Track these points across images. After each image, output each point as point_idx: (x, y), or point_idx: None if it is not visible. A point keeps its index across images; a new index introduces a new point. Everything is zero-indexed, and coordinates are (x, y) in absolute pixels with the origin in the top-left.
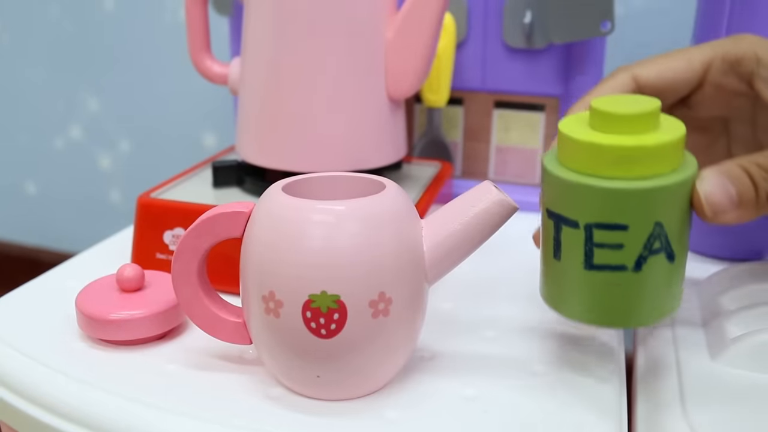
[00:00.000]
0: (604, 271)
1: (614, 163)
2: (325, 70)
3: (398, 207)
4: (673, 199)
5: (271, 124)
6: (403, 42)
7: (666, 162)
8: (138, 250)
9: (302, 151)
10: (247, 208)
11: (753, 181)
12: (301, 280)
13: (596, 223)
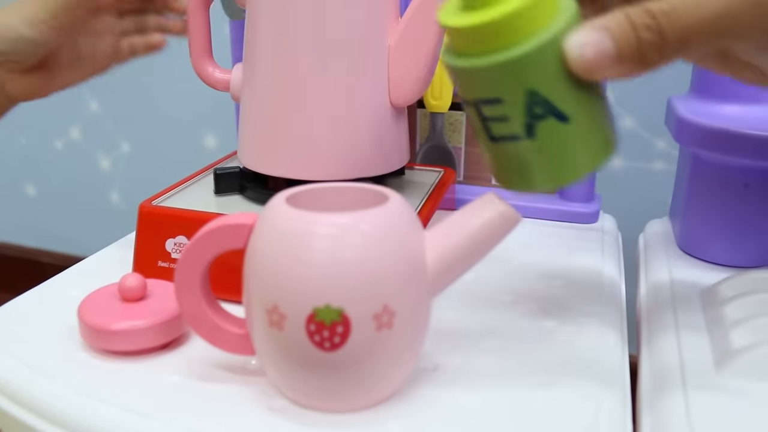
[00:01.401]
0: (506, 143)
1: (477, 41)
2: (327, 78)
3: (402, 219)
4: (536, 65)
5: (273, 132)
6: (405, 49)
7: (522, 30)
8: (139, 258)
9: (304, 159)
10: (250, 220)
11: (635, 30)
12: (305, 293)
13: (478, 99)
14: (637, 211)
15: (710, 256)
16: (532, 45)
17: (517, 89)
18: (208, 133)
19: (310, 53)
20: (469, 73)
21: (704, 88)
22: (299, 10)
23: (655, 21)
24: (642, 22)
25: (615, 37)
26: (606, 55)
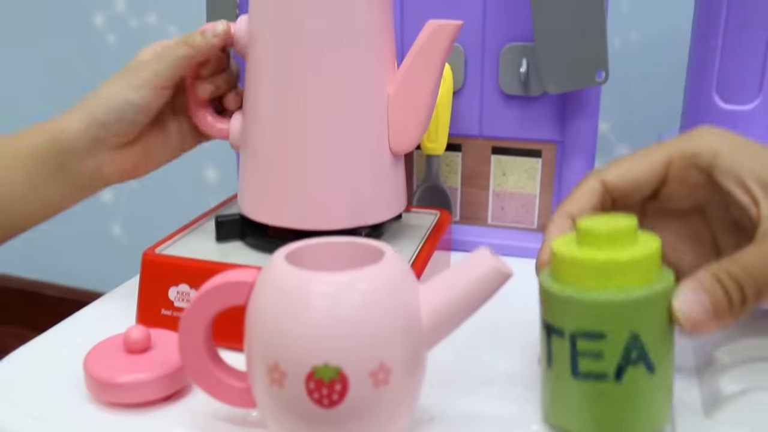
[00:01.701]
0: (589, 380)
1: (593, 276)
2: (326, 129)
3: (397, 276)
4: (646, 311)
5: (273, 182)
6: (404, 97)
7: (640, 275)
8: (143, 306)
9: (304, 210)
10: (251, 277)
11: (726, 292)
12: (304, 351)
13: (578, 331)
14: None
15: None
16: (653, 291)
17: (623, 329)
18: (208, 166)
19: (310, 104)
20: (581, 304)
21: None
22: (299, 63)
23: (740, 284)
24: (731, 286)
25: (712, 299)
26: (707, 313)
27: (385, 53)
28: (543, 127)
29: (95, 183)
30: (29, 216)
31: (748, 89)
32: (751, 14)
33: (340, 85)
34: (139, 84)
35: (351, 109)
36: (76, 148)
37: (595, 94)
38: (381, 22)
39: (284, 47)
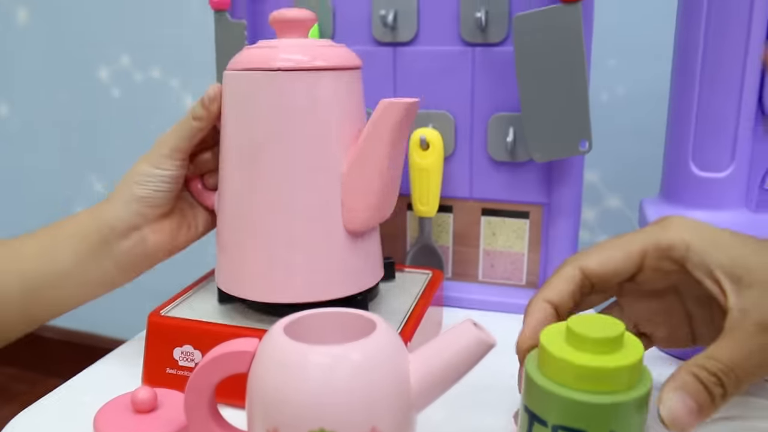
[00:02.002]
0: None
1: (579, 378)
2: (281, 206)
3: (388, 347)
4: (625, 413)
5: (240, 257)
6: (355, 177)
7: (623, 381)
8: (149, 366)
9: (269, 283)
10: (252, 347)
11: (707, 388)
12: (302, 418)
13: (561, 425)
14: None
15: (680, 352)
16: (634, 396)
17: (603, 428)
18: None
19: (266, 186)
20: (568, 403)
21: (672, 193)
22: (259, 142)
23: (719, 379)
24: (711, 382)
25: (695, 398)
26: (692, 413)
27: (345, 134)
28: (530, 191)
29: (140, 261)
30: (75, 294)
31: (722, 158)
32: (721, 84)
33: (293, 166)
34: (164, 158)
35: (303, 190)
36: (118, 224)
37: (578, 161)
38: (344, 106)
39: (244, 133)
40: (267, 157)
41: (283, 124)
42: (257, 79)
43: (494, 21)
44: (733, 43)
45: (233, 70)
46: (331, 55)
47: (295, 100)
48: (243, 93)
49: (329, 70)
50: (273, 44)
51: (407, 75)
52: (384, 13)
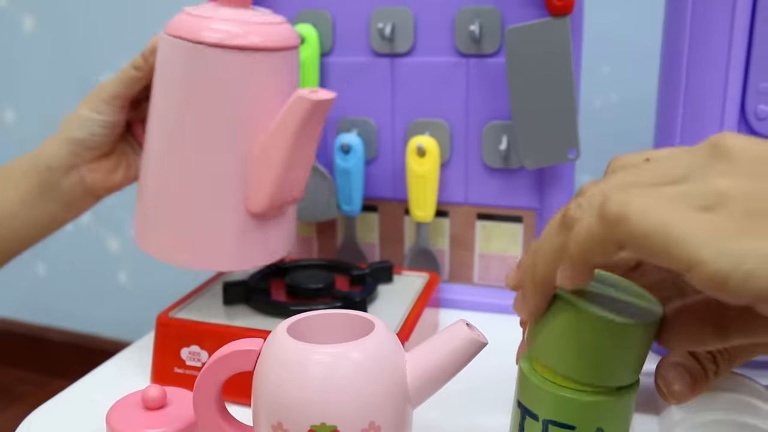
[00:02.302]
0: None
1: (580, 383)
2: (193, 178)
3: (386, 346)
4: (613, 410)
5: (151, 212)
6: (261, 163)
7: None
8: (157, 365)
9: (166, 243)
10: (257, 346)
11: (702, 366)
12: (304, 413)
13: (551, 420)
14: None
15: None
16: (622, 394)
17: (591, 425)
18: None
19: (183, 153)
20: (558, 400)
21: None
22: (178, 114)
23: (714, 357)
24: (705, 359)
25: (690, 372)
26: (688, 386)
27: (263, 117)
28: (523, 197)
29: (81, 198)
30: (24, 235)
31: None
32: (705, 95)
33: (206, 144)
34: (102, 103)
35: (212, 166)
36: (56, 164)
37: (568, 167)
38: (268, 88)
39: (165, 97)
40: (184, 125)
41: (201, 99)
42: (183, 49)
43: (488, 33)
44: (714, 55)
45: (165, 35)
46: (264, 32)
47: (217, 78)
48: (168, 59)
49: (257, 51)
50: (208, 13)
51: (404, 85)
52: (382, 26)
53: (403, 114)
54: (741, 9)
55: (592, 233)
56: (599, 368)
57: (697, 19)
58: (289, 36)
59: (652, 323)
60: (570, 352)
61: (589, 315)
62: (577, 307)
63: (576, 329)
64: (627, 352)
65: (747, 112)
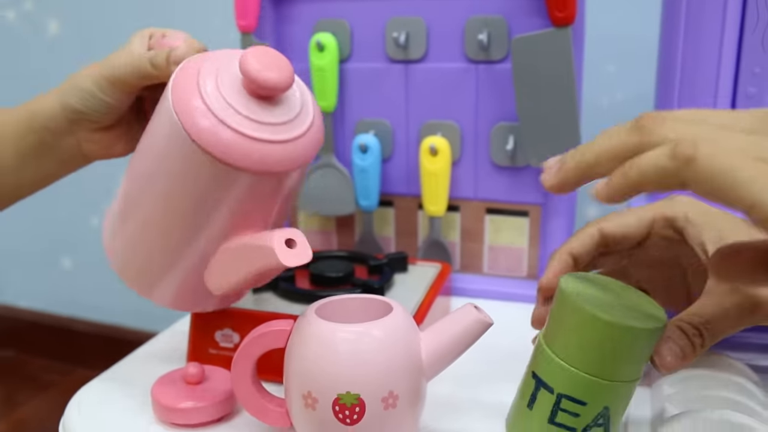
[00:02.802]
0: (560, 428)
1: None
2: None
3: (403, 325)
4: (622, 393)
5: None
6: (223, 261)
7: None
8: (194, 347)
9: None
10: (289, 326)
11: (689, 339)
12: (332, 383)
13: (565, 394)
14: None
15: None
16: (628, 384)
17: (601, 402)
18: None
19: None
20: (576, 378)
21: (659, 195)
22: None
23: (699, 331)
24: (692, 334)
25: (680, 345)
26: (677, 357)
27: (235, 226)
28: (529, 193)
29: (77, 159)
30: (14, 192)
31: None
32: (698, 96)
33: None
34: (109, 84)
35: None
36: (52, 127)
37: None
38: (252, 207)
39: (152, 146)
40: (155, 192)
41: (185, 187)
42: (183, 139)
43: (495, 42)
44: (706, 58)
45: (173, 109)
46: (274, 153)
47: (208, 181)
48: (170, 121)
49: (254, 174)
50: (222, 112)
51: (418, 89)
52: (396, 35)
53: (416, 116)
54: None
55: (659, 167)
56: (606, 366)
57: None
58: (299, 155)
59: (657, 329)
60: (581, 350)
61: (599, 319)
62: (587, 311)
63: (587, 331)
64: (633, 354)
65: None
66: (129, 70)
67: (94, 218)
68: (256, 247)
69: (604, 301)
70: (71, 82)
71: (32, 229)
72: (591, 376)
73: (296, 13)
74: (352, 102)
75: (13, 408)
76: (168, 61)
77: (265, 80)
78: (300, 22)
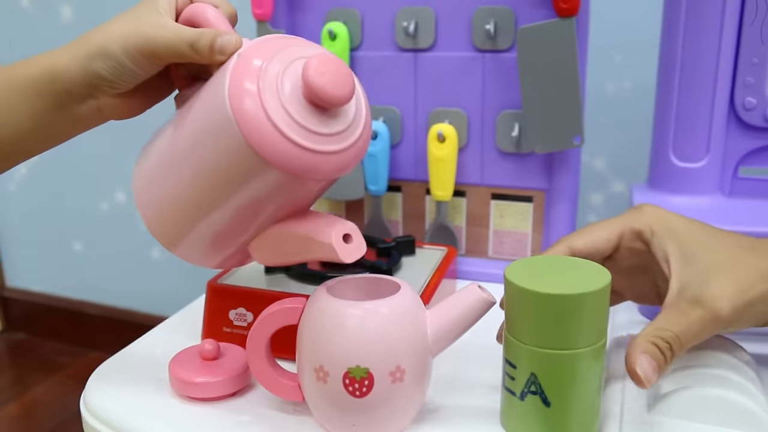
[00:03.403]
0: (507, 393)
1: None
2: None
3: (410, 303)
4: (544, 363)
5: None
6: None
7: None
8: (208, 325)
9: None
10: (301, 304)
11: (662, 353)
12: (342, 357)
13: (505, 358)
14: None
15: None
16: (554, 351)
17: (526, 367)
18: None
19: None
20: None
21: (656, 180)
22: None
23: (670, 346)
24: (665, 348)
25: (656, 359)
26: (654, 369)
27: (269, 215)
28: (533, 179)
29: (94, 120)
30: (33, 145)
31: (697, 150)
32: (697, 87)
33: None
34: (141, 55)
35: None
36: (74, 90)
37: (575, 153)
38: (295, 203)
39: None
40: (190, 168)
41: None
42: (235, 135)
43: (502, 31)
44: (706, 48)
45: (230, 108)
46: (329, 162)
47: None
48: (221, 111)
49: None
50: (279, 119)
51: (426, 77)
52: (406, 24)
53: (424, 103)
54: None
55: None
56: (560, 337)
57: (690, 21)
58: (345, 164)
59: (598, 290)
60: (533, 327)
61: (535, 293)
62: (522, 288)
63: (529, 307)
64: (581, 319)
65: (736, 103)
66: (165, 49)
67: (104, 203)
68: (316, 242)
69: (544, 277)
70: (98, 47)
71: (44, 213)
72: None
73: (309, 3)
74: None
75: (25, 390)
76: (212, 50)
77: (327, 97)
78: (313, 11)
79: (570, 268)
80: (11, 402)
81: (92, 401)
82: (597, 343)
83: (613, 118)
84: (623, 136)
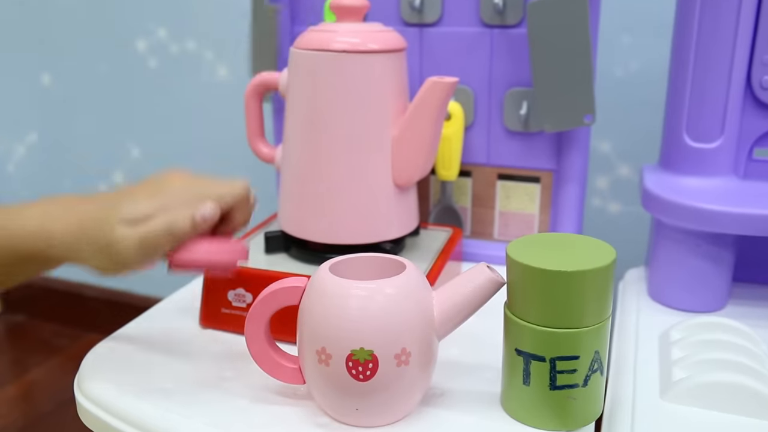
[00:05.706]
0: (563, 390)
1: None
2: (342, 164)
3: (415, 283)
4: (604, 333)
5: (303, 203)
6: (405, 141)
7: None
8: (206, 306)
9: (327, 227)
10: (302, 283)
11: None
12: (345, 339)
13: (559, 356)
14: (623, 257)
15: (672, 303)
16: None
17: (591, 349)
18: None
19: (328, 145)
20: (566, 336)
21: (669, 161)
22: (323, 110)
23: None
24: None
25: None
26: None
27: (393, 101)
28: (541, 158)
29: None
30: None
31: (712, 130)
32: (713, 65)
33: (352, 131)
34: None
35: (359, 149)
36: (62, 259)
37: (585, 132)
38: (391, 82)
39: (310, 103)
40: (327, 123)
41: (340, 97)
42: (319, 58)
43: (511, 5)
44: (724, 25)
45: (299, 49)
46: (382, 39)
47: (350, 77)
48: (306, 69)
49: (379, 53)
50: (333, 28)
51: (432, 53)
52: None
53: None
54: None
55: None
56: (576, 313)
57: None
58: (400, 40)
59: (605, 266)
60: (549, 307)
61: (540, 270)
62: (525, 265)
63: (545, 285)
64: (587, 296)
65: (753, 83)
66: (170, 238)
67: (102, 184)
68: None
69: (547, 254)
70: (111, 237)
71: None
72: (572, 329)
73: None
74: None
75: (24, 372)
76: (195, 223)
77: None
78: None
79: (573, 246)
80: (10, 384)
81: (86, 383)
82: (601, 321)
83: (619, 100)
84: (629, 118)
